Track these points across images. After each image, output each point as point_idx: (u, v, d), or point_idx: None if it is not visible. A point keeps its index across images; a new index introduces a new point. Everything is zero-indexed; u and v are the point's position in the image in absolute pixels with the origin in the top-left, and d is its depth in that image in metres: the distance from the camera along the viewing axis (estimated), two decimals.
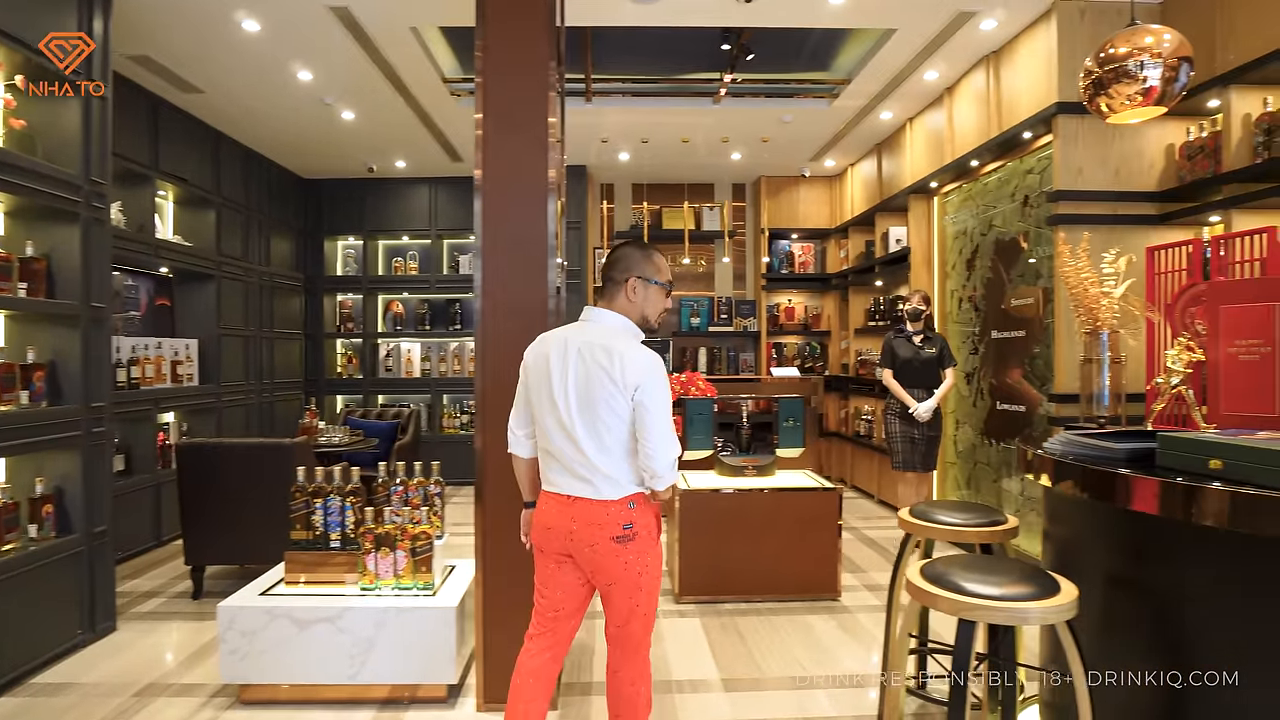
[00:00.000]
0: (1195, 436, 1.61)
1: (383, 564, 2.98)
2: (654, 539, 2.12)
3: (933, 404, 4.65)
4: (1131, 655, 1.88)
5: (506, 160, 2.81)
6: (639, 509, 2.06)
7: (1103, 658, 1.94)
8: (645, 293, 2.12)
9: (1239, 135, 3.45)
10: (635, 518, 2.04)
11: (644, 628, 2.16)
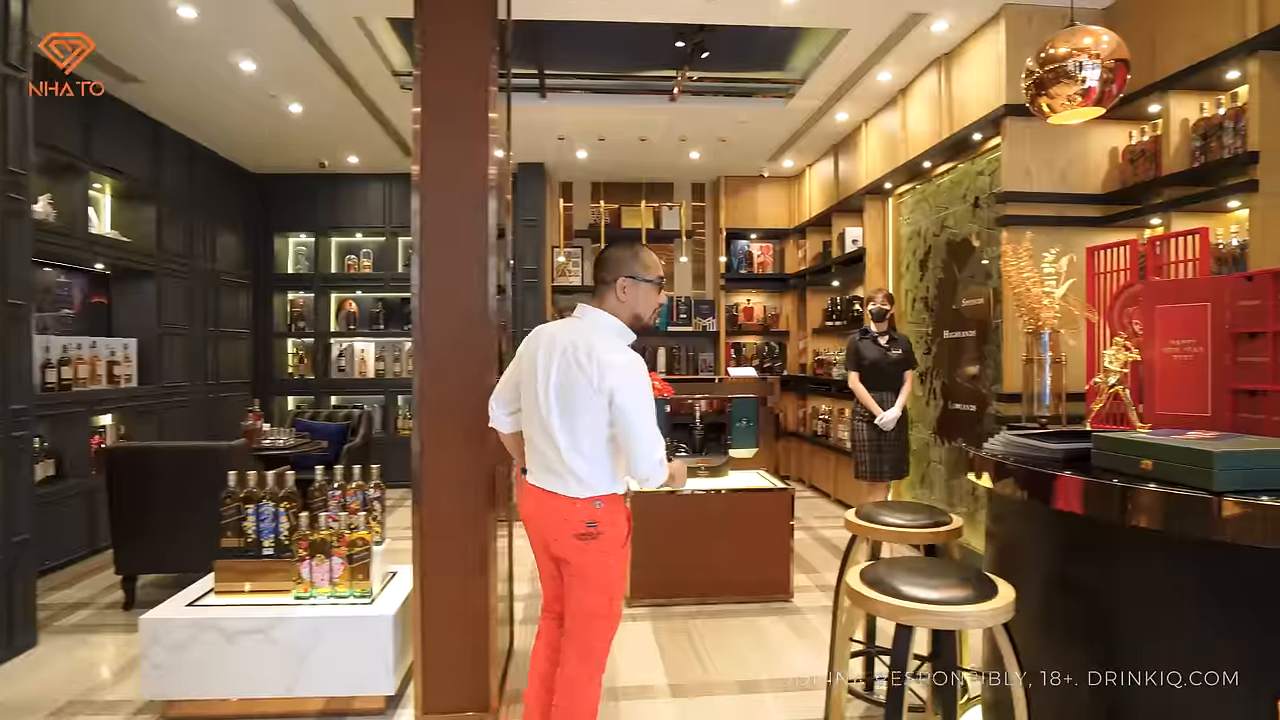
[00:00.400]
0: (1127, 437, 1.60)
1: (318, 571, 2.87)
2: (619, 542, 2.12)
3: (897, 412, 4.49)
4: (1070, 655, 1.87)
5: (446, 157, 2.73)
6: (605, 509, 2.08)
7: (1043, 658, 1.94)
8: (636, 292, 2.15)
9: (1177, 140, 3.50)
10: (600, 517, 2.07)
11: (599, 631, 2.16)
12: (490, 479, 2.70)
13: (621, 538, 2.14)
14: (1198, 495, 1.37)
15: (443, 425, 2.69)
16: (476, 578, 2.69)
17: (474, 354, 2.71)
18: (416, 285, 2.70)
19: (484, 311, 2.72)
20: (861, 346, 4.64)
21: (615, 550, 2.12)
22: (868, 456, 4.60)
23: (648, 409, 2.02)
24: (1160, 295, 2.05)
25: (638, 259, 2.17)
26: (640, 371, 2.04)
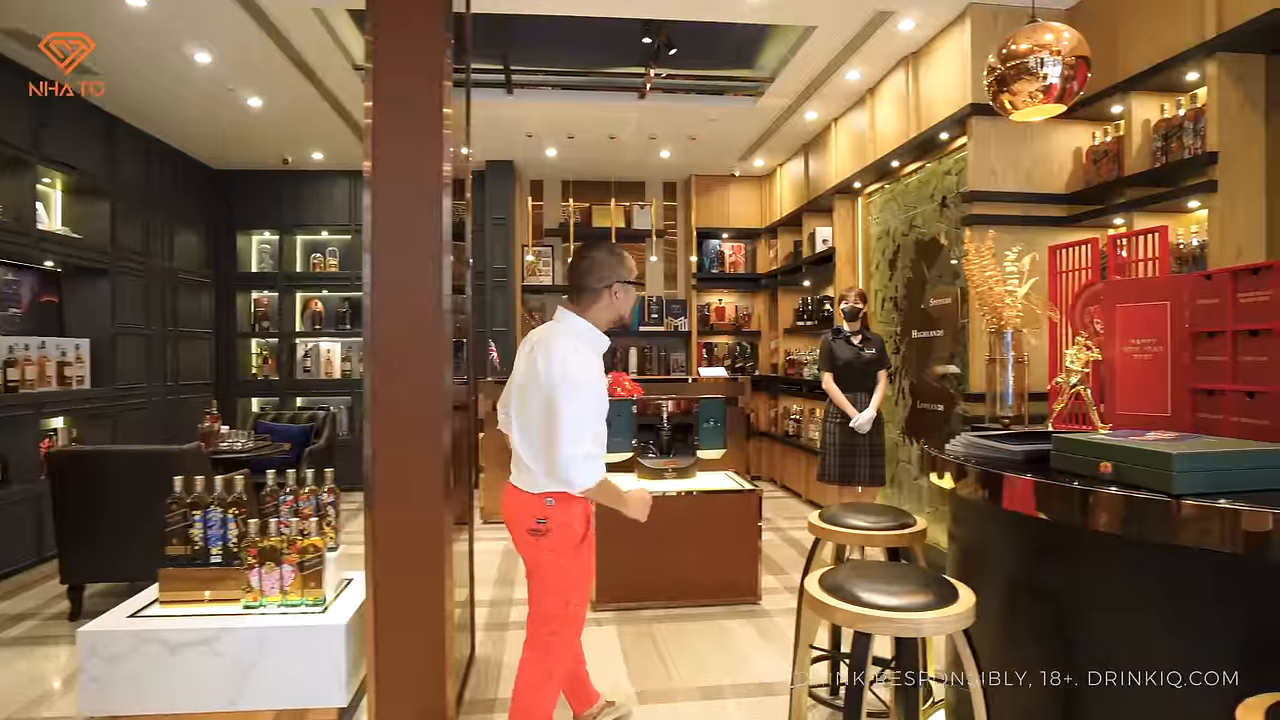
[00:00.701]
0: (1086, 438, 1.57)
1: (268, 580, 2.77)
2: (570, 542, 2.15)
3: (871, 414, 4.36)
4: (1031, 657, 1.84)
5: (398, 152, 2.65)
6: (556, 507, 2.12)
7: (1005, 660, 1.91)
8: (625, 295, 2.27)
9: (1139, 140, 3.52)
10: (550, 514, 2.12)
11: (550, 631, 2.20)
12: (445, 482, 2.62)
13: (574, 539, 2.15)
14: (1157, 498, 1.34)
15: (395, 427, 2.60)
16: (432, 585, 2.60)
17: (427, 354, 2.62)
18: (368, 283, 2.61)
19: (438, 311, 2.64)
20: (834, 347, 4.52)
21: (567, 550, 2.14)
22: (838, 460, 4.46)
23: (578, 411, 2.05)
24: (1121, 294, 2.03)
25: (623, 263, 2.28)
26: (586, 377, 2.09)
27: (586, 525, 2.20)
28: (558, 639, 2.22)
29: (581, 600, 2.28)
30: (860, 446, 4.43)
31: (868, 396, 4.43)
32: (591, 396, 2.09)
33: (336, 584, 3.01)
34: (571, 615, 2.22)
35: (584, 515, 2.18)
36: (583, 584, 2.28)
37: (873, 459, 4.44)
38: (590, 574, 2.36)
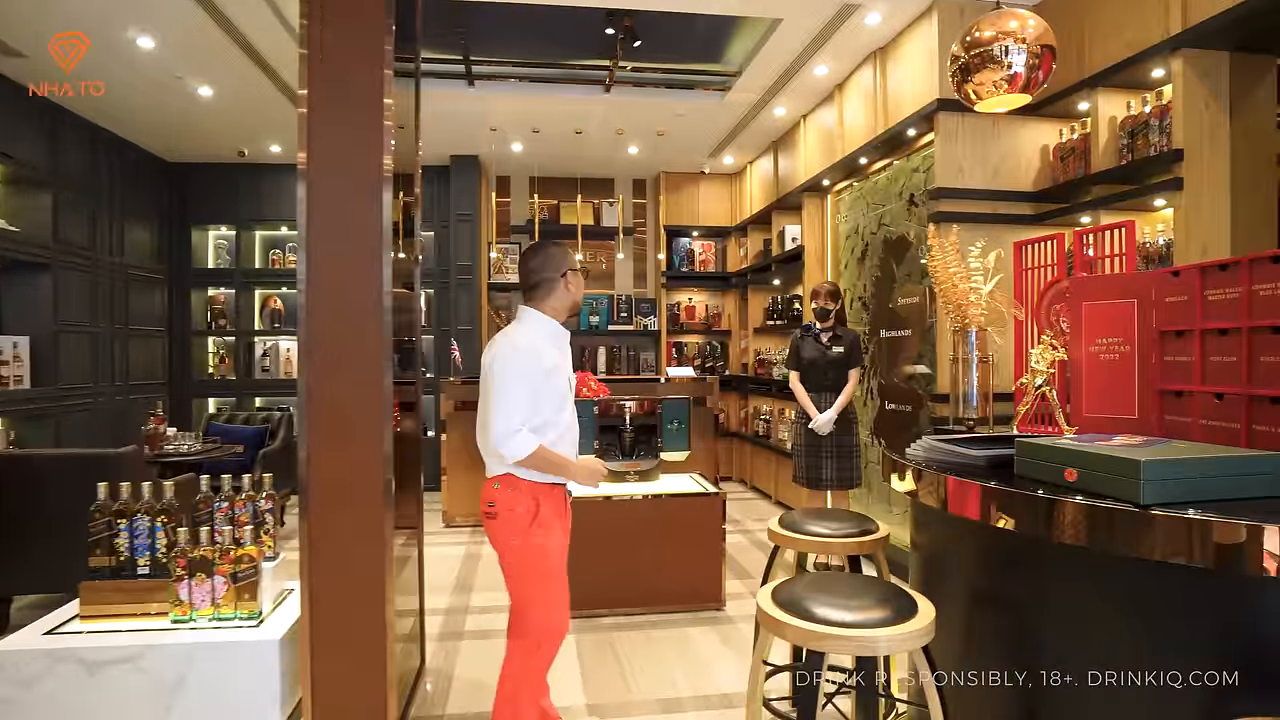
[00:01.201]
0: (1051, 443, 1.48)
1: (198, 592, 2.61)
2: (519, 524, 2.22)
3: (831, 415, 4.16)
4: (996, 671, 1.76)
5: (336, 142, 2.50)
6: (502, 489, 2.23)
7: (966, 670, 1.82)
8: (578, 282, 2.39)
9: (1106, 137, 3.48)
10: (498, 498, 2.23)
11: (522, 620, 2.27)
12: (386, 485, 2.49)
13: (522, 521, 2.22)
14: (1124, 508, 1.25)
15: (333, 429, 2.46)
16: (372, 593, 2.47)
17: (367, 353, 2.48)
18: (302, 280, 2.47)
19: (378, 308, 2.50)
20: (801, 344, 4.38)
21: (518, 532, 2.22)
22: (805, 461, 4.32)
23: (510, 384, 2.17)
24: (1087, 291, 1.95)
25: (568, 253, 2.40)
26: (521, 355, 2.20)
27: (535, 508, 2.22)
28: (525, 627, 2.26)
29: (548, 581, 2.27)
30: (826, 449, 4.26)
31: (834, 397, 4.25)
32: (522, 375, 2.18)
33: (276, 595, 2.85)
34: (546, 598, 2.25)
35: (531, 498, 2.22)
36: (544, 566, 2.26)
37: (840, 461, 4.26)
38: (553, 567, 2.30)
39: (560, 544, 2.34)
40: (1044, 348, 1.97)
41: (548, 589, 2.27)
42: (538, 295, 2.37)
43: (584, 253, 7.68)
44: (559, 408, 2.30)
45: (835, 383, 4.25)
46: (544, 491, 2.27)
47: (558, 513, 2.32)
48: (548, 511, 2.26)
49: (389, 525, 2.51)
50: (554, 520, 2.29)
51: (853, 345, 4.28)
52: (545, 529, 2.24)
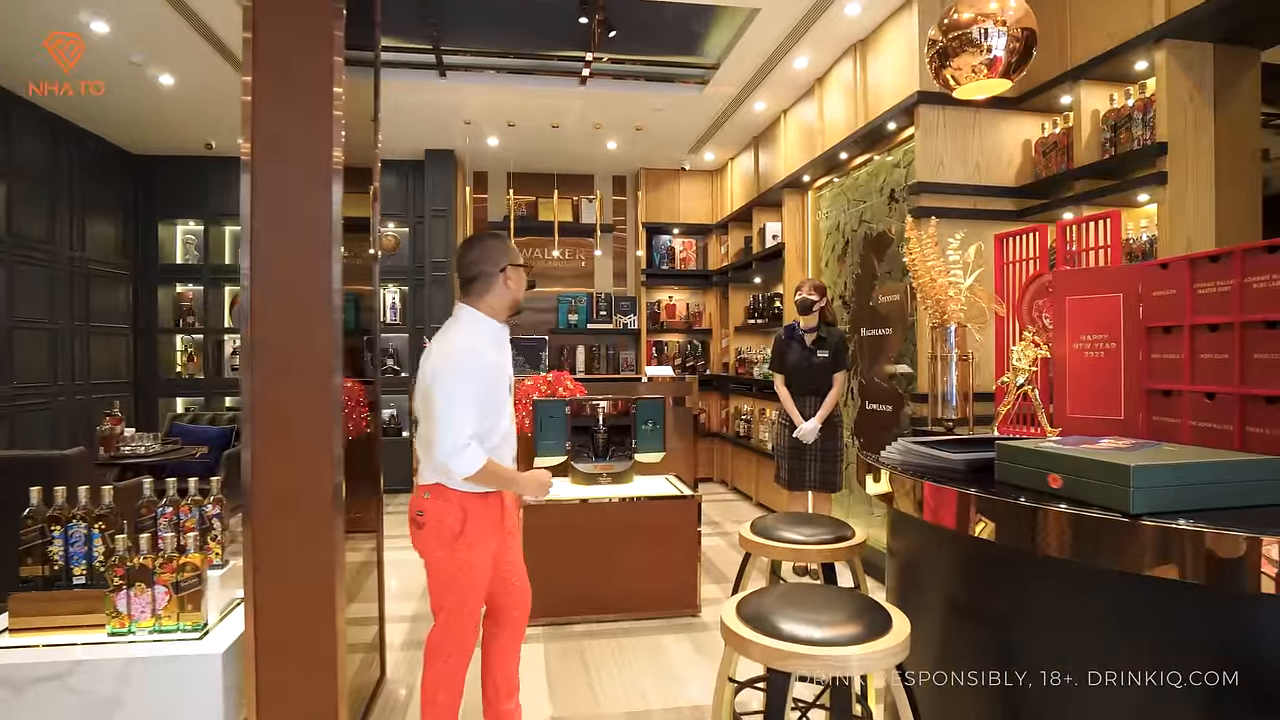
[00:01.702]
0: (1034, 446, 1.38)
1: (137, 603, 2.46)
2: (444, 537, 2.13)
3: (815, 424, 4.04)
4: (974, 685, 1.65)
5: (283, 131, 2.39)
6: (432, 499, 2.15)
7: (944, 691, 1.72)
8: (518, 278, 2.26)
9: (1088, 132, 3.40)
10: (426, 507, 2.15)
11: (435, 628, 2.21)
12: (335, 489, 2.36)
13: (448, 534, 2.13)
14: (1112, 518, 1.15)
15: (279, 431, 2.33)
16: (321, 604, 2.35)
17: (316, 354, 2.36)
18: (246, 275, 2.33)
19: (327, 305, 2.36)
20: (785, 348, 4.20)
21: (443, 545, 2.13)
22: (787, 464, 4.19)
23: (456, 394, 2.06)
24: (1071, 286, 1.85)
25: (508, 247, 2.26)
26: (463, 357, 2.09)
27: (463, 521, 2.14)
28: (448, 633, 2.20)
29: (463, 599, 2.19)
30: (810, 452, 4.14)
31: (818, 401, 4.09)
32: (467, 381, 2.08)
33: (224, 606, 2.70)
34: (460, 611, 2.18)
35: (459, 509, 2.14)
36: (464, 583, 2.18)
37: (824, 464, 4.14)
38: (474, 581, 2.21)
39: (484, 558, 2.23)
40: (1026, 345, 1.87)
41: (464, 602, 2.19)
42: (474, 291, 2.25)
43: (561, 250, 7.55)
44: (498, 412, 2.22)
45: (820, 387, 4.11)
46: (475, 502, 2.17)
47: (490, 522, 2.22)
48: (477, 524, 2.17)
49: (338, 531, 2.38)
50: (483, 532, 2.20)
51: (838, 347, 4.11)
52: (470, 544, 2.16)
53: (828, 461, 4.14)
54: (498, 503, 2.27)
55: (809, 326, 4.13)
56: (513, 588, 2.42)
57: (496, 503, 2.27)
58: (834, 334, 4.14)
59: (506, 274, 2.23)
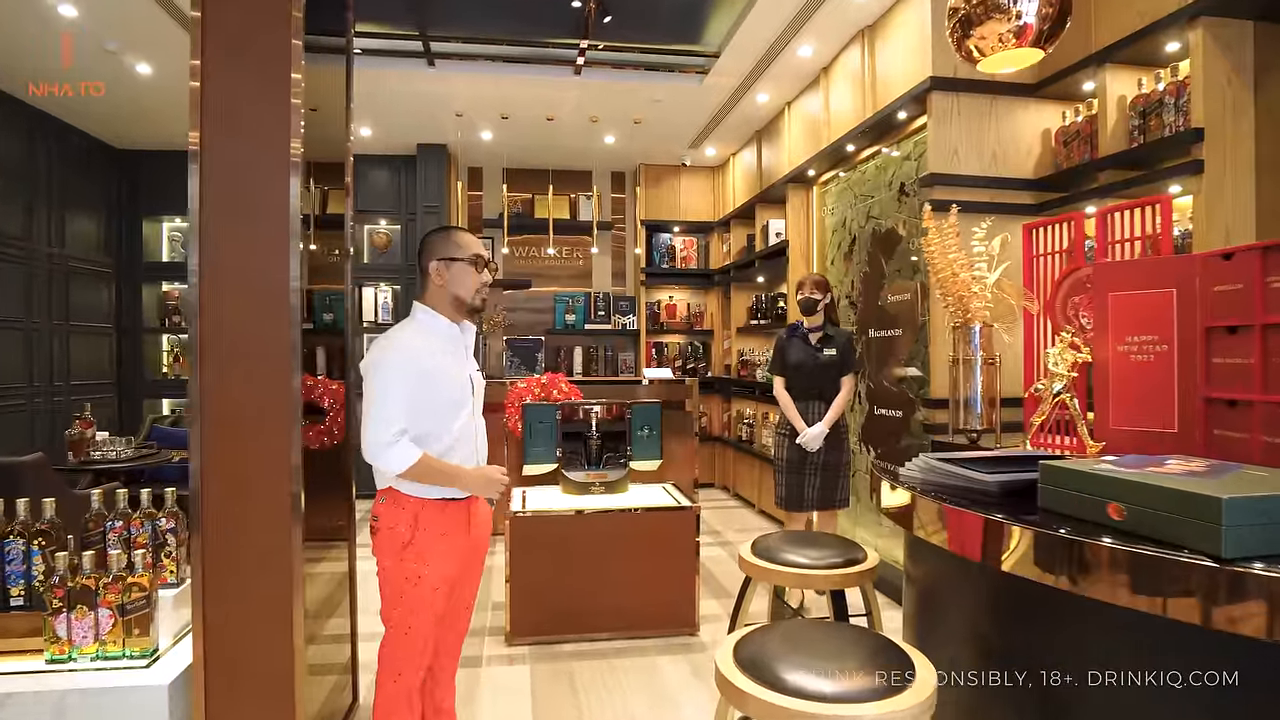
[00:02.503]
0: (1089, 470, 1.15)
1: (78, 627, 2.24)
2: (393, 546, 2.01)
3: (821, 430, 3.64)
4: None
5: (234, 119, 2.19)
6: (386, 505, 2.04)
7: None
8: (450, 273, 2.10)
9: (1114, 119, 3.18)
10: (381, 513, 2.05)
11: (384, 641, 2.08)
12: (294, 500, 2.15)
13: (397, 542, 2.01)
14: (1197, 563, 0.92)
15: (229, 436, 2.13)
16: (276, 622, 2.14)
17: (274, 354, 2.15)
18: (195, 268, 2.14)
19: (284, 302, 2.16)
20: (786, 347, 3.86)
21: (392, 554, 2.02)
22: (785, 479, 3.77)
23: (381, 389, 1.96)
24: (1113, 280, 1.63)
25: (449, 239, 2.14)
26: (394, 353, 2.00)
27: (413, 530, 2.01)
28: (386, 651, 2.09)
29: (409, 613, 2.04)
30: (811, 465, 3.74)
31: (824, 406, 3.71)
32: (394, 383, 1.96)
33: (179, 629, 2.48)
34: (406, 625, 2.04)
35: (411, 517, 2.01)
36: (410, 598, 2.03)
37: (825, 477, 3.73)
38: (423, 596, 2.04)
39: (441, 572, 2.05)
40: (1063, 347, 1.65)
41: (412, 616, 2.04)
42: (422, 286, 2.16)
43: (557, 248, 7.34)
44: (447, 416, 2.05)
45: (825, 390, 3.73)
46: (431, 510, 2.02)
47: (447, 533, 2.06)
48: (430, 535, 2.03)
49: (296, 545, 2.17)
50: (436, 545, 2.04)
51: (846, 347, 3.76)
52: (420, 556, 2.02)
53: (830, 474, 3.73)
54: (459, 514, 2.09)
55: (814, 326, 3.82)
56: (462, 612, 2.25)
57: (458, 514, 2.08)
58: (841, 333, 3.82)
59: (439, 268, 2.10)
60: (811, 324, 3.81)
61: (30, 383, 5.53)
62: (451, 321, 2.13)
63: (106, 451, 4.33)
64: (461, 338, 2.16)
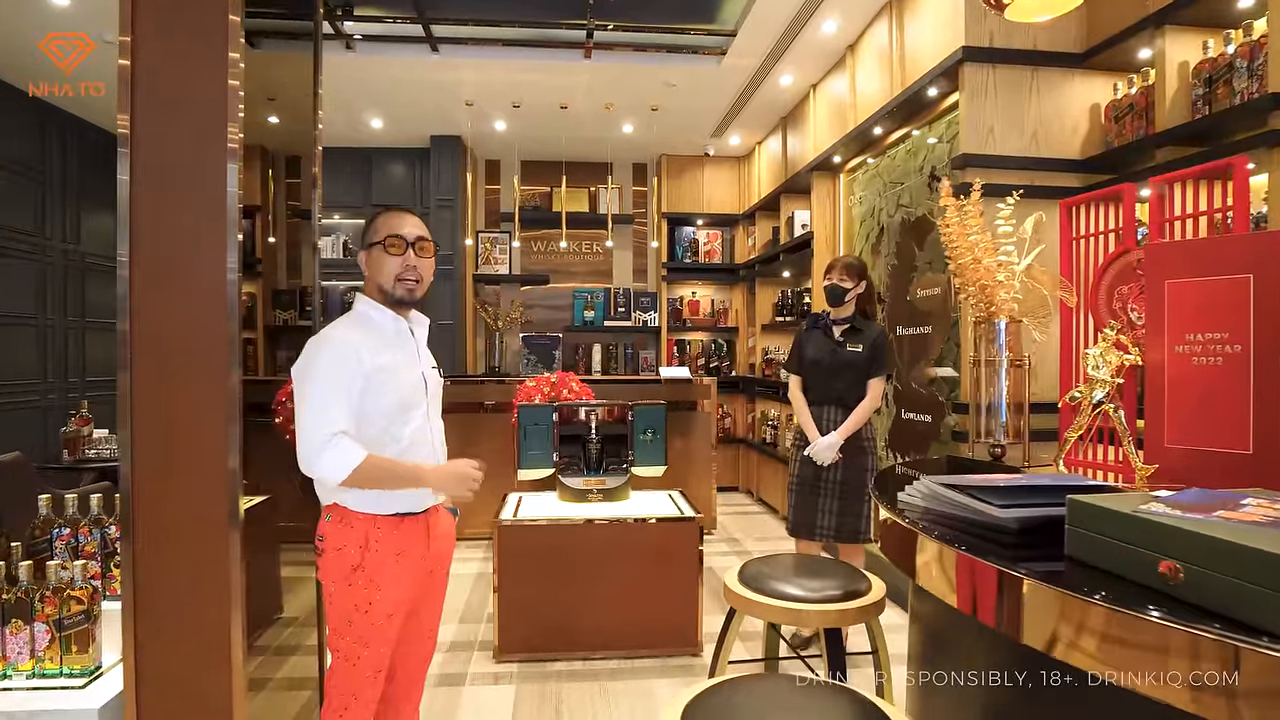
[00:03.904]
0: (1134, 512, 0.86)
1: (13, 643, 2.07)
2: (341, 570, 1.77)
3: (835, 440, 3.09)
4: None
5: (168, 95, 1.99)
6: (333, 523, 1.80)
7: None
8: (370, 260, 1.89)
9: (1175, 88, 2.81)
10: (327, 531, 1.81)
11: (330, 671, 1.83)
12: (232, 510, 1.95)
13: (345, 567, 1.76)
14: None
15: (165, 443, 1.93)
16: (214, 647, 1.94)
17: (210, 351, 1.95)
18: (125, 259, 1.95)
19: (222, 289, 1.95)
20: (805, 340, 3.32)
21: (338, 577, 1.77)
22: (795, 500, 3.25)
23: (314, 388, 1.73)
24: (1172, 264, 1.32)
25: (371, 224, 1.91)
26: (323, 347, 1.77)
27: (362, 554, 1.77)
28: (339, 677, 1.82)
29: (357, 644, 1.79)
30: (827, 485, 3.16)
31: (845, 413, 3.15)
32: (327, 374, 1.73)
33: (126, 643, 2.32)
34: (350, 655, 1.79)
35: (361, 536, 1.77)
36: (361, 630, 1.79)
37: (844, 502, 3.14)
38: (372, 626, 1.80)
39: (394, 597, 1.81)
40: (1106, 347, 1.35)
41: (362, 647, 1.80)
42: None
43: (575, 242, 7.11)
44: (395, 420, 1.81)
45: (846, 394, 3.17)
46: (383, 528, 1.78)
47: (403, 552, 1.82)
48: (382, 556, 1.79)
49: (234, 554, 1.97)
50: (389, 567, 1.80)
51: (876, 345, 3.15)
52: (371, 580, 1.79)
53: (849, 498, 3.14)
54: (418, 530, 1.85)
55: (841, 317, 3.24)
56: (425, 636, 2.00)
57: (415, 530, 1.85)
58: (873, 329, 3.21)
59: (364, 257, 1.90)
60: (838, 315, 3.24)
61: (44, 379, 5.51)
62: (397, 315, 1.89)
63: (102, 449, 4.24)
64: (410, 332, 1.93)
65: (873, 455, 3.22)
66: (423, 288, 1.89)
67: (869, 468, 3.17)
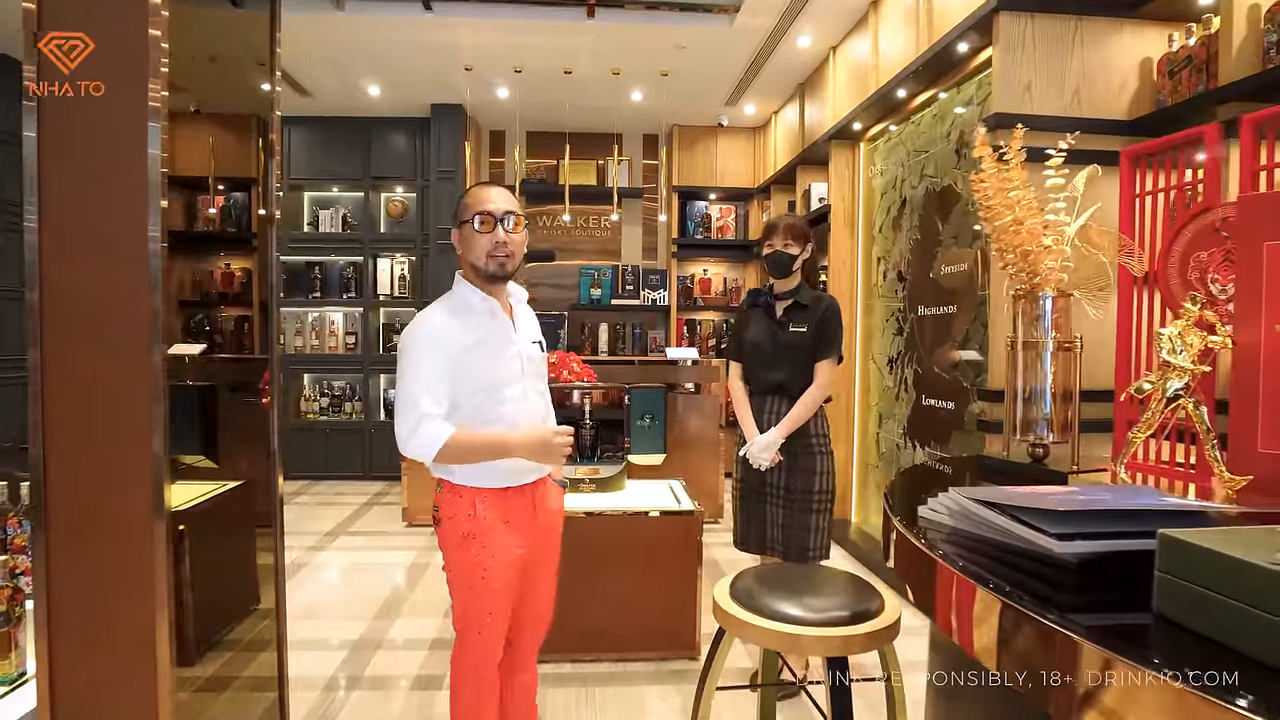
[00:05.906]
0: (1267, 565, 0.59)
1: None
2: (454, 538, 1.85)
3: (773, 439, 2.57)
4: None
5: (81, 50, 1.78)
6: (444, 494, 1.89)
7: None
8: (461, 239, 1.90)
9: (1243, 35, 2.47)
10: (441, 502, 1.89)
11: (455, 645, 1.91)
12: (157, 497, 1.74)
13: (457, 535, 1.84)
14: None
15: (81, 425, 1.73)
16: (138, 654, 1.74)
17: (131, 325, 1.74)
18: (33, 225, 1.72)
19: (144, 259, 1.73)
20: (745, 321, 2.78)
21: (454, 546, 1.86)
22: (740, 507, 2.78)
23: (407, 371, 1.79)
24: (1272, 221, 1.04)
25: (461, 201, 1.91)
26: (414, 330, 1.83)
27: (472, 523, 1.83)
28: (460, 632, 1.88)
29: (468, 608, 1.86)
30: (770, 489, 2.67)
31: (789, 404, 2.61)
32: (416, 357, 1.79)
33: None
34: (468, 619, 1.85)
35: (470, 506, 1.83)
36: (469, 590, 1.85)
37: (789, 511, 2.62)
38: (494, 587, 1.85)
39: (506, 560, 1.86)
40: (1186, 325, 1.07)
41: (482, 617, 1.85)
42: None
43: (581, 218, 6.83)
44: (488, 398, 1.84)
45: (791, 382, 2.61)
46: (489, 498, 1.85)
47: (510, 520, 1.87)
48: (488, 525, 1.84)
49: (160, 552, 1.76)
50: (498, 533, 1.85)
51: (824, 321, 2.58)
52: (484, 546, 1.85)
53: (796, 509, 2.60)
54: (523, 503, 1.90)
55: (784, 291, 2.66)
56: (540, 606, 2.06)
57: (521, 502, 1.89)
58: (821, 301, 2.63)
59: (457, 236, 1.90)
60: (783, 288, 2.65)
61: None
62: (486, 295, 1.87)
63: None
64: (500, 309, 1.90)
65: (824, 456, 2.64)
66: (514, 262, 1.87)
67: (819, 470, 2.61)
